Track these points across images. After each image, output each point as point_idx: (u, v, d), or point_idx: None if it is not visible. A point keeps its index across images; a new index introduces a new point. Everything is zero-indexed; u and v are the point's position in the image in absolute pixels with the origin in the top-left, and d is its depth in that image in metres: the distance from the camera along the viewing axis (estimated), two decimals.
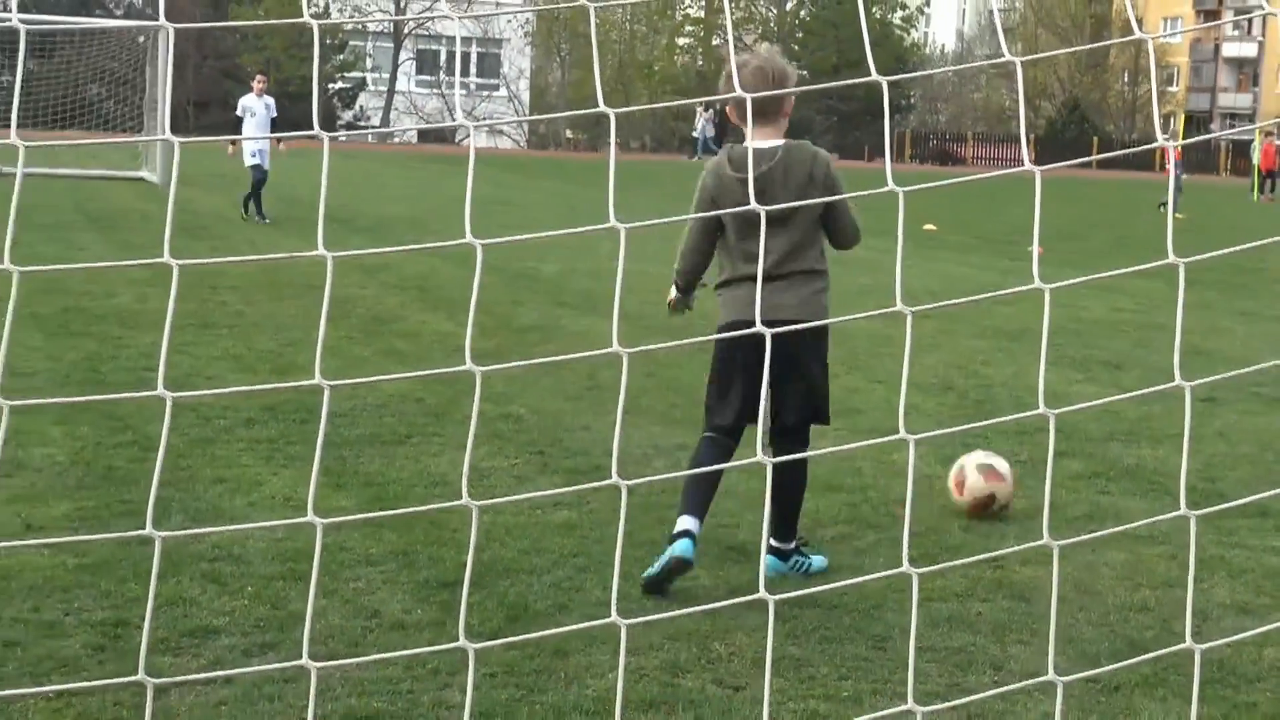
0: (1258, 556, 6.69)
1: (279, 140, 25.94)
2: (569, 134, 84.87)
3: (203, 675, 4.72)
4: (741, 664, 5.19)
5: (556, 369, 10.31)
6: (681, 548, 5.86)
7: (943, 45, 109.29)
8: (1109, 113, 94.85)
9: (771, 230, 6.04)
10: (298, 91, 61.34)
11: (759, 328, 2.53)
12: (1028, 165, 2.60)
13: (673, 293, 6.51)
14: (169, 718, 4.55)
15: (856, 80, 2.59)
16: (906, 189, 2.37)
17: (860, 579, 5.47)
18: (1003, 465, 7.34)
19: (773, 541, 6.31)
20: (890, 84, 2.54)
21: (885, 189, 2.41)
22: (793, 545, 6.38)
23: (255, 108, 23.43)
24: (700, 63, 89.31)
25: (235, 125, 24.25)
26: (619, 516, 2.43)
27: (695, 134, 67.18)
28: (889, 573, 2.51)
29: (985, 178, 2.91)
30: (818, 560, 6.39)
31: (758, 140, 5.96)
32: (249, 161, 23.40)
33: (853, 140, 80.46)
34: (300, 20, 2.45)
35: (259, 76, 24.81)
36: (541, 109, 79.78)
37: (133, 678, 2.13)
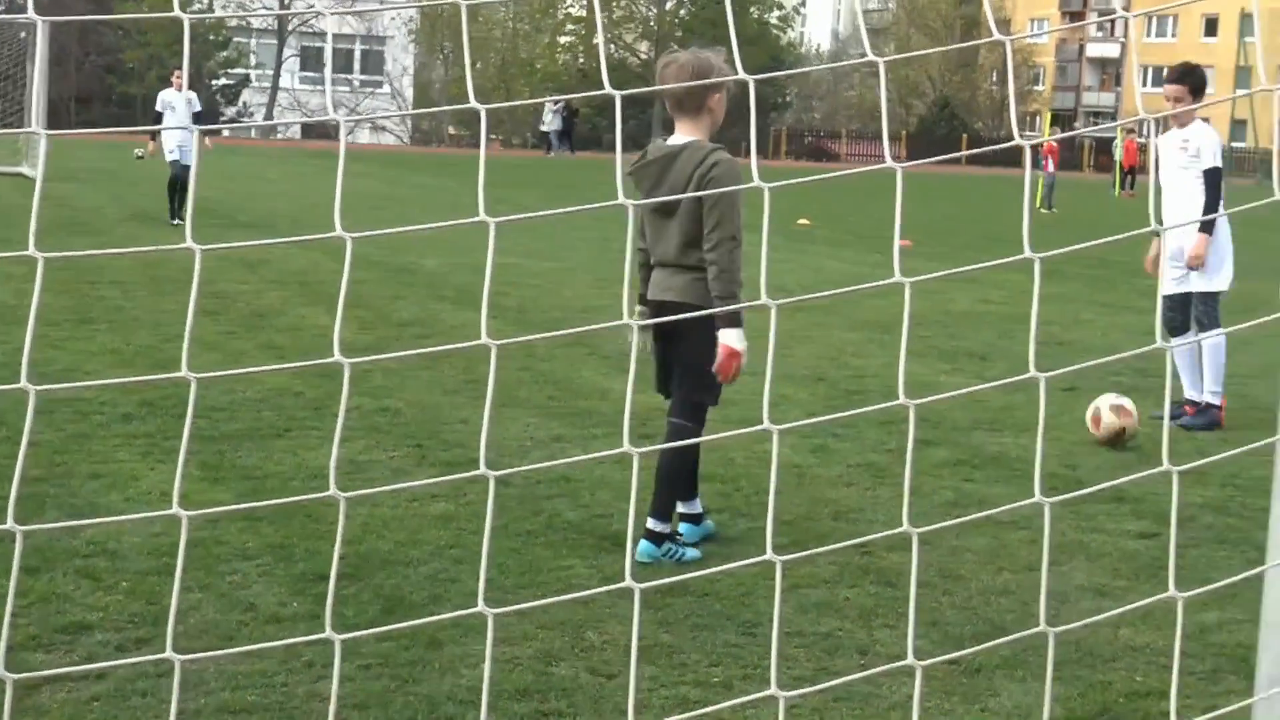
0: (1114, 540, 6.79)
1: (205, 135, 25.39)
2: (451, 130, 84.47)
3: (70, 669, 4.62)
4: (614, 652, 5.18)
5: (434, 363, 10.24)
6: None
7: (818, 45, 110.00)
8: (978, 111, 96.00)
9: (663, 222, 6.26)
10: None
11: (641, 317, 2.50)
12: (889, 162, 2.61)
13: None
14: (40, 715, 4.46)
15: (728, 79, 2.58)
16: (772, 185, 2.36)
17: (725, 567, 5.46)
18: (1129, 404, 8.81)
19: (649, 523, 6.34)
20: (767, 81, 2.54)
21: (753, 184, 2.40)
22: (668, 530, 6.40)
23: (176, 103, 22.40)
24: (581, 60, 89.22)
25: (156, 121, 23.07)
26: (497, 510, 2.41)
27: (544, 128, 67.40)
28: (752, 560, 2.51)
29: (848, 174, 2.92)
30: (691, 552, 6.40)
31: (678, 135, 6.30)
32: (169, 158, 22.18)
33: (730, 136, 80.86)
34: (175, 15, 2.39)
35: (177, 71, 24.36)
36: (425, 106, 79.28)
37: None
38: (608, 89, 2.49)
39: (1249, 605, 5.04)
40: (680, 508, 6.52)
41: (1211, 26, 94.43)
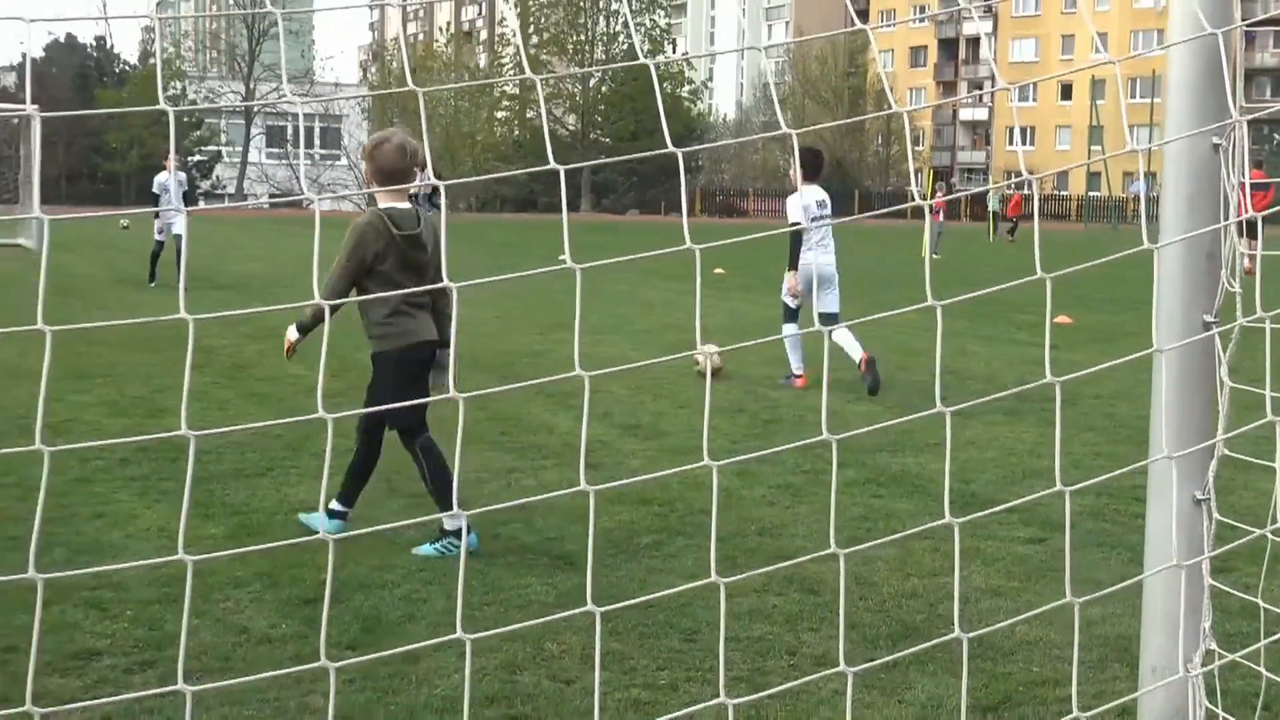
0: (1006, 546, 6.82)
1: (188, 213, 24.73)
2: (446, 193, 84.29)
3: (93, 701, 4.53)
4: (571, 660, 5.14)
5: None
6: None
7: (725, 114, 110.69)
8: (866, 169, 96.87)
9: (422, 272, 6.64)
10: (159, 165, 60.07)
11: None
12: (803, 223, 2.63)
13: (294, 334, 6.81)
14: None
15: (654, 152, 2.59)
16: (702, 246, 2.37)
17: (677, 589, 5.48)
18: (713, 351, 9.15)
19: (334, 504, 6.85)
20: (680, 147, 2.55)
21: (685, 246, 2.41)
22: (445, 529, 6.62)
23: (169, 184, 21.75)
24: (516, 132, 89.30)
25: (155, 202, 22.22)
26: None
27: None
28: (700, 583, 2.51)
29: (767, 235, 2.94)
30: (440, 546, 6.59)
31: (397, 202, 6.67)
32: (158, 234, 21.92)
33: (651, 197, 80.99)
34: (160, 108, 2.38)
35: (169, 156, 23.14)
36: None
37: (21, 709, 2.02)
38: (553, 163, 2.49)
39: (1127, 601, 5.08)
40: (335, 505, 6.87)
41: (1067, 91, 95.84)
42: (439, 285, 2.33)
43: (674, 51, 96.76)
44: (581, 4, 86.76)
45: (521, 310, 18.83)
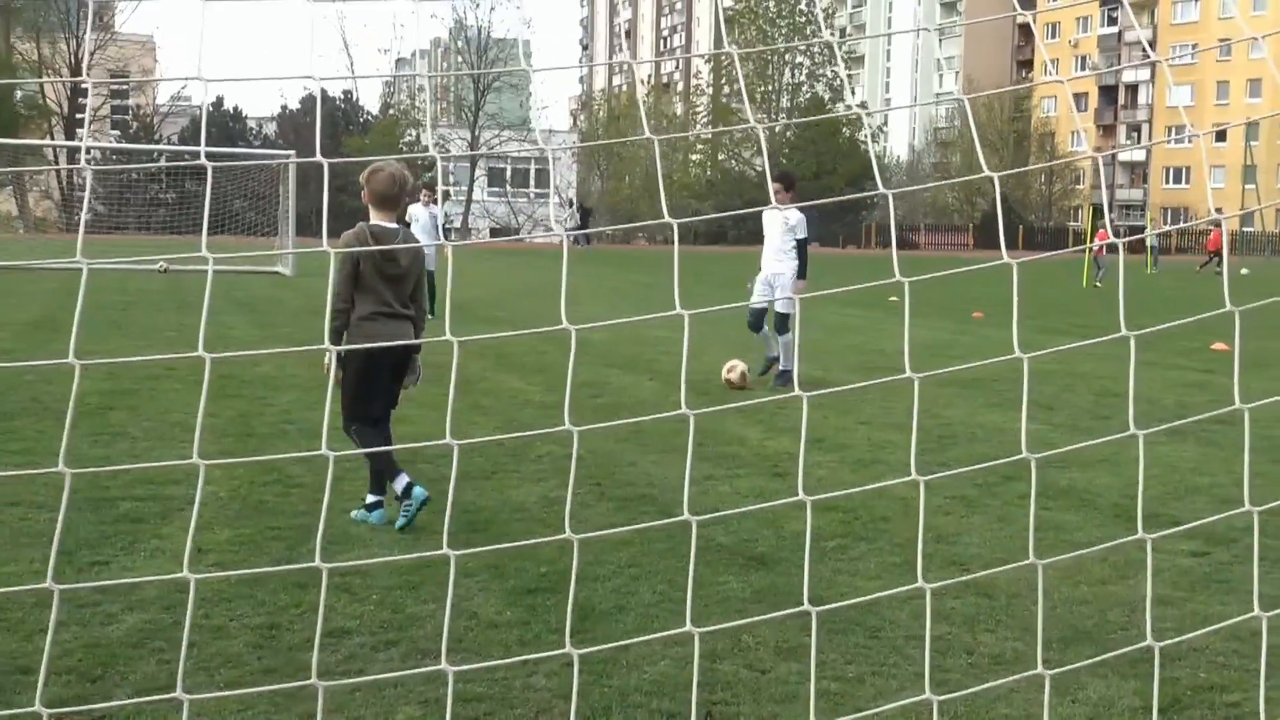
0: (1171, 559, 6.57)
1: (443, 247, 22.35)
2: (608, 231, 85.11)
3: (364, 678, 4.63)
4: (766, 652, 5.10)
5: (607, 417, 10.25)
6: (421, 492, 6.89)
7: (898, 156, 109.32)
8: (1030, 205, 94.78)
9: (399, 282, 6.93)
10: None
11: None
12: (1006, 258, 2.56)
13: (329, 358, 7.18)
14: (310, 701, 4.48)
15: (862, 194, 2.56)
16: (911, 279, 2.33)
17: (886, 593, 5.39)
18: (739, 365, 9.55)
19: (368, 497, 7.09)
20: (859, 186, 2.52)
21: (894, 279, 2.37)
22: (377, 499, 7.05)
23: (420, 216, 20.61)
24: (709, 173, 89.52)
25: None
26: (665, 535, 2.37)
27: (566, 227, 68.12)
28: (907, 588, 2.46)
29: (974, 270, 2.88)
30: (378, 515, 7.03)
31: (385, 221, 6.93)
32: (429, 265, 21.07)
33: (829, 231, 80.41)
34: (428, 155, 2.42)
35: (425, 191, 21.17)
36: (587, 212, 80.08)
37: (306, 681, 2.06)
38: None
39: None
40: (369, 497, 7.13)
41: (1221, 134, 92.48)
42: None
43: (853, 99, 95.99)
44: (769, 57, 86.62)
45: (714, 333, 18.83)
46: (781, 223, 13.00)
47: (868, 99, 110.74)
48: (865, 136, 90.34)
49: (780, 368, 13.13)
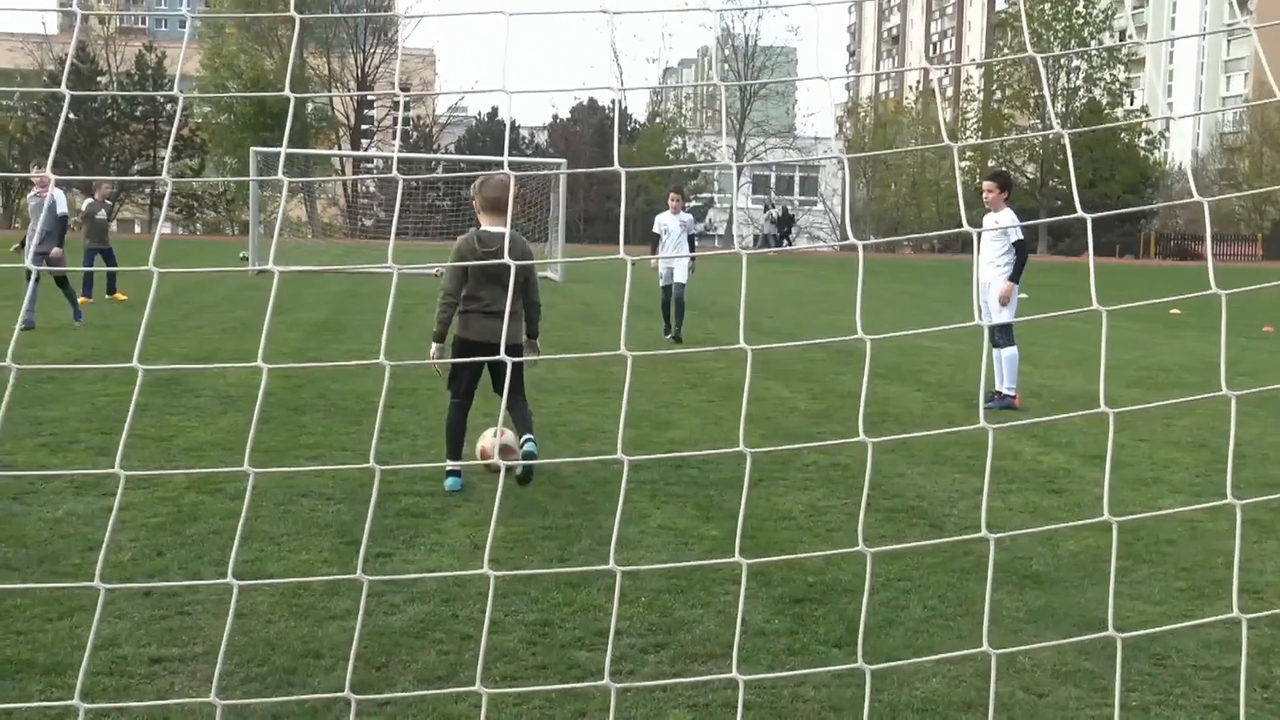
0: None
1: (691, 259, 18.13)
2: (872, 239, 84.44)
3: (649, 682, 4.69)
4: (1043, 674, 4.93)
5: (873, 427, 10.11)
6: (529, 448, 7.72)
7: (1180, 163, 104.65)
8: None
9: (499, 285, 7.74)
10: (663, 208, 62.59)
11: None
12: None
13: (434, 350, 7.91)
14: (584, 700, 4.55)
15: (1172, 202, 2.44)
16: (1229, 292, 2.20)
17: (1198, 621, 5.15)
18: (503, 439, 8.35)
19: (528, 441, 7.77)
20: (1138, 194, 2.39)
21: (1210, 291, 2.24)
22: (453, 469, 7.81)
23: (670, 226, 18.27)
24: (977, 180, 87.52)
25: (654, 242, 18.64)
26: (935, 549, 2.30)
27: (759, 231, 66.62)
28: (1221, 617, 2.33)
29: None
30: (452, 481, 7.82)
31: (492, 226, 7.77)
32: (661, 280, 18.58)
33: (1105, 241, 77.66)
34: (674, 167, 2.42)
35: (673, 195, 18.76)
36: (850, 219, 79.64)
37: (599, 682, 2.09)
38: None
39: None
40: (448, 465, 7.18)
41: None
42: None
43: (1133, 104, 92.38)
44: (1043, 61, 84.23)
45: (978, 343, 18.36)
46: (991, 224, 11.97)
47: (1148, 103, 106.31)
48: (1145, 142, 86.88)
49: (1004, 389, 11.95)
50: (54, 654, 4.83)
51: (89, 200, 22.68)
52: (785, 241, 65.72)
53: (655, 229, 18.61)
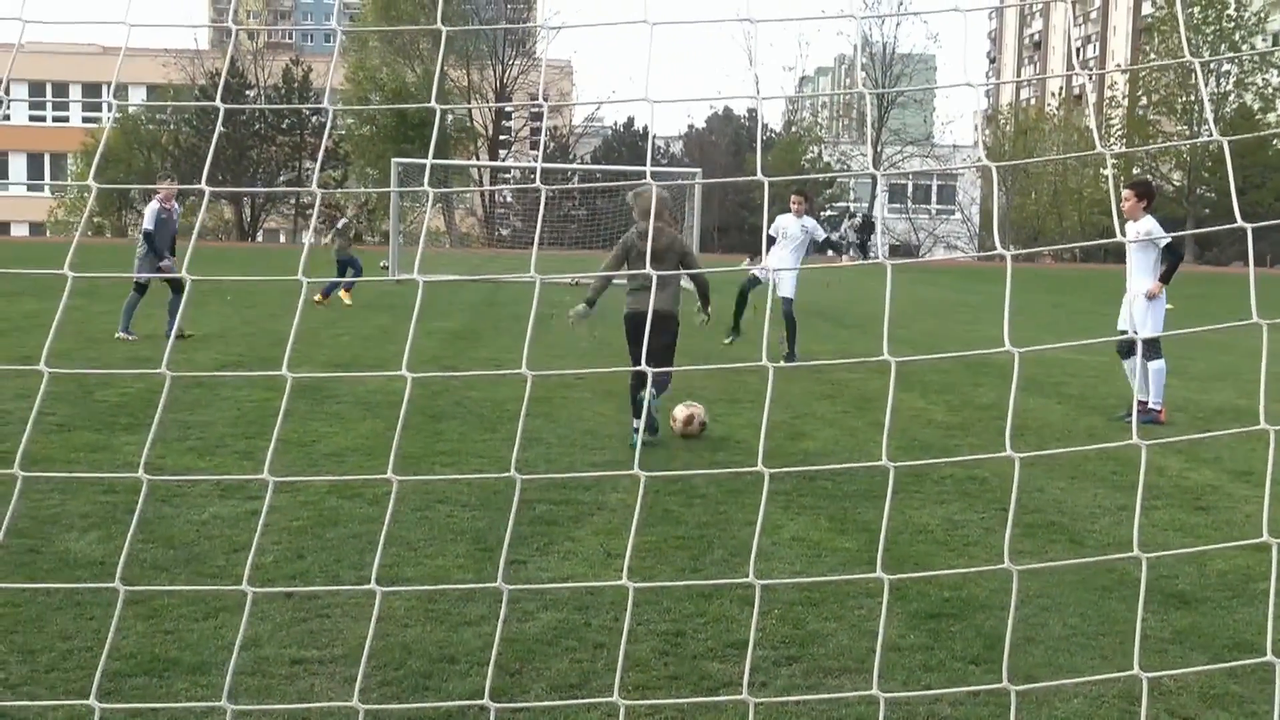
0: None
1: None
2: (1011, 248, 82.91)
3: (788, 698, 4.67)
4: (1189, 697, 4.79)
5: (1014, 441, 9.91)
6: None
7: None
8: None
9: (657, 261, 9.52)
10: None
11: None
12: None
13: (582, 309, 9.82)
14: (716, 712, 4.53)
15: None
16: None
17: None
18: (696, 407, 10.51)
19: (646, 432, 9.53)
20: None
21: None
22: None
23: (791, 230, 17.04)
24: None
25: (767, 243, 17.30)
26: (1073, 567, 2.24)
27: (836, 237, 65.19)
28: None
29: None
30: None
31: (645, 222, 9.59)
32: (778, 292, 16.72)
33: (1256, 251, 75.38)
34: (813, 175, 2.40)
35: (795, 197, 17.81)
36: (988, 229, 78.29)
37: (738, 696, 2.08)
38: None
39: None
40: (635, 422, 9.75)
41: None
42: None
43: None
44: (1192, 66, 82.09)
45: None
46: (1133, 234, 11.71)
47: None
48: None
49: (1150, 403, 11.68)
50: (199, 653, 4.97)
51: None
52: (864, 250, 64.96)
53: (771, 231, 17.20)
